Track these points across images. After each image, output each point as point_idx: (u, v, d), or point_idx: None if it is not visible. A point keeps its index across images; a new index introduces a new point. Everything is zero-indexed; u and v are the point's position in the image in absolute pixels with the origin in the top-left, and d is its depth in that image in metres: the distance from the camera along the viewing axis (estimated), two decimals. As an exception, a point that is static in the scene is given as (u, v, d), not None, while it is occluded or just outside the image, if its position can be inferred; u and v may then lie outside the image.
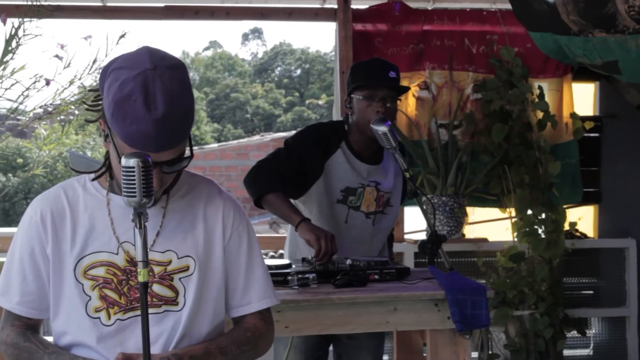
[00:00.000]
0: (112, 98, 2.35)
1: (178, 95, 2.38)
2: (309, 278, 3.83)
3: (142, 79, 2.34)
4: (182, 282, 2.60)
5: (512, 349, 5.90)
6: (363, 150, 4.32)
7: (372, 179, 4.34)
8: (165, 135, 2.36)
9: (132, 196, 2.28)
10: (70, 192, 2.65)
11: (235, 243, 2.72)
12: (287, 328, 3.73)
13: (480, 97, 6.44)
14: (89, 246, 2.58)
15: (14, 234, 2.71)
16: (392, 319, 3.82)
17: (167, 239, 2.61)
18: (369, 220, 4.36)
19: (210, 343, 2.64)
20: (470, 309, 3.76)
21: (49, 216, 2.60)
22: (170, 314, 2.59)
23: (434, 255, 4.12)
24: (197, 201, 2.69)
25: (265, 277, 2.80)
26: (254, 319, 2.76)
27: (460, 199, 6.14)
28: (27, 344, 2.58)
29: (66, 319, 2.60)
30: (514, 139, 6.18)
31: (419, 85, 6.46)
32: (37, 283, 2.61)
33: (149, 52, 2.41)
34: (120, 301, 2.57)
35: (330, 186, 4.29)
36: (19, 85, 5.29)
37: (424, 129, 6.38)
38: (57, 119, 5.73)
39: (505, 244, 6.15)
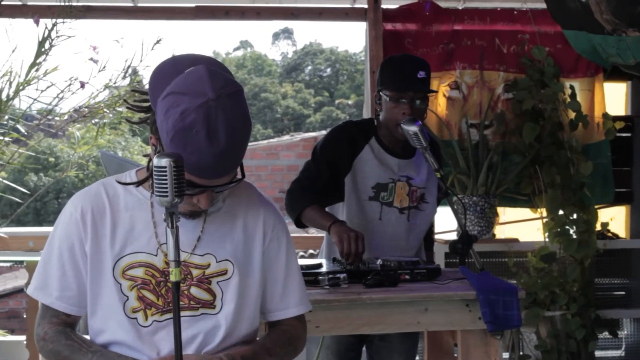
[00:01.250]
0: (173, 125, 2.35)
1: (238, 125, 2.40)
2: (339, 278, 3.82)
3: (204, 111, 2.34)
4: (220, 285, 2.62)
5: (543, 350, 5.87)
6: (394, 145, 4.30)
7: (403, 174, 4.32)
8: (225, 164, 2.39)
9: (164, 196, 2.29)
10: (111, 190, 2.66)
11: (275, 248, 2.73)
12: (318, 328, 3.73)
13: (511, 97, 6.41)
14: (128, 246, 2.59)
15: (46, 233, 2.72)
16: (423, 319, 3.81)
17: (206, 242, 2.62)
18: (403, 215, 4.33)
19: (256, 344, 2.67)
20: (502, 309, 3.74)
21: (89, 213, 2.61)
22: (207, 316, 2.60)
23: (464, 256, 4.11)
24: (237, 205, 2.70)
25: (301, 282, 2.83)
26: (291, 322, 2.79)
27: (491, 199, 6.11)
28: (68, 342, 2.60)
29: (104, 317, 2.61)
30: (545, 138, 6.16)
31: (449, 85, 6.44)
32: (77, 279, 2.62)
33: (209, 78, 2.39)
34: (157, 303, 2.58)
35: (361, 184, 4.28)
36: (52, 85, 5.32)
37: (454, 129, 6.37)
38: (90, 122, 5.77)
39: (537, 245, 6.12)
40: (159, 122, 2.42)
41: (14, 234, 6.25)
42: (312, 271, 3.87)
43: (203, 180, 2.39)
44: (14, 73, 5.42)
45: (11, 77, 5.42)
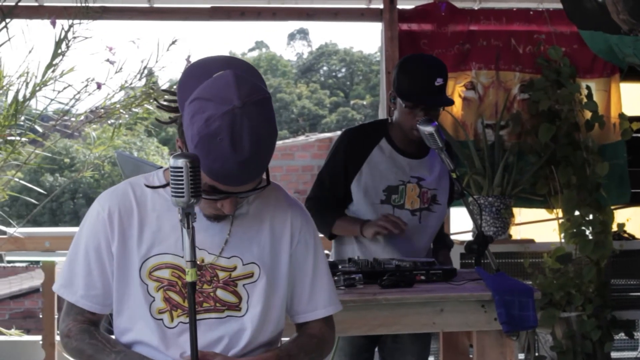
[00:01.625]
0: (198, 132, 2.35)
1: (263, 133, 2.38)
2: (355, 278, 3.82)
3: (229, 119, 2.33)
4: (246, 288, 2.62)
5: (558, 351, 5.86)
6: (405, 146, 4.29)
7: (415, 175, 4.31)
8: (248, 172, 2.39)
9: (180, 196, 2.29)
10: (138, 190, 2.66)
11: (302, 250, 2.73)
12: (334, 328, 3.73)
13: (527, 97, 6.40)
14: (155, 247, 2.60)
15: (62, 234, 2.73)
16: (439, 320, 3.81)
17: (234, 245, 2.62)
18: (415, 217, 4.32)
19: (280, 350, 2.66)
20: (518, 310, 3.73)
21: (116, 213, 2.61)
22: (232, 319, 2.60)
23: (480, 256, 4.10)
24: (265, 208, 2.70)
25: (330, 283, 2.81)
26: (319, 325, 2.78)
27: (507, 200, 6.10)
28: (92, 341, 2.60)
29: (130, 317, 2.62)
30: (561, 139, 6.14)
31: (465, 85, 6.44)
32: (102, 278, 2.63)
33: (236, 84, 2.38)
34: (183, 304, 2.58)
35: (372, 187, 4.28)
36: (69, 87, 5.34)
37: (470, 130, 6.36)
38: (106, 122, 5.78)
39: (552, 245, 6.11)
40: (185, 126, 2.42)
41: (30, 234, 6.27)
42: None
43: (227, 187, 2.39)
44: (30, 74, 5.44)
45: (28, 78, 5.44)
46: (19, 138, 5.49)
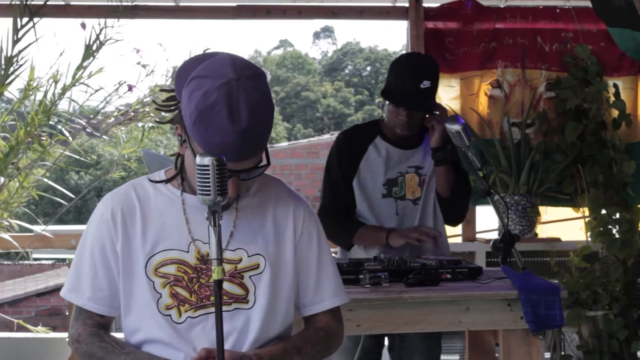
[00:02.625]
0: (195, 107, 2.37)
1: (260, 106, 2.40)
2: (381, 277, 3.82)
3: (226, 90, 2.36)
4: (253, 280, 2.62)
5: (585, 350, 5.83)
6: (400, 139, 4.33)
7: (412, 164, 4.36)
8: (247, 146, 2.39)
9: (206, 194, 2.30)
10: (141, 190, 2.68)
11: (306, 242, 2.73)
12: (359, 326, 3.73)
13: (553, 96, 6.37)
14: (159, 244, 2.61)
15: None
16: (465, 319, 3.80)
17: (238, 237, 2.63)
18: (417, 206, 4.36)
19: (286, 343, 2.66)
20: (544, 309, 3.72)
21: (119, 214, 2.63)
22: (240, 311, 2.60)
23: (507, 255, 4.09)
24: (267, 200, 2.71)
25: (336, 275, 2.81)
26: (326, 318, 2.77)
27: (533, 198, 6.09)
28: (102, 344, 2.61)
29: (138, 316, 2.62)
30: (588, 137, 6.12)
31: (491, 83, 6.42)
32: (108, 279, 2.64)
33: (231, 61, 2.43)
34: (191, 299, 2.59)
35: (371, 184, 4.34)
36: (95, 86, 5.36)
37: (496, 128, 6.34)
38: (135, 124, 5.81)
39: (579, 244, 6.08)
40: (183, 108, 2.45)
41: (56, 232, 6.31)
42: (353, 270, 3.88)
43: (228, 164, 2.38)
44: (59, 74, 5.48)
45: (56, 78, 5.47)
46: (49, 139, 5.52)
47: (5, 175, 5.41)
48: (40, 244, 6.12)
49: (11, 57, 5.32)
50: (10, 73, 5.39)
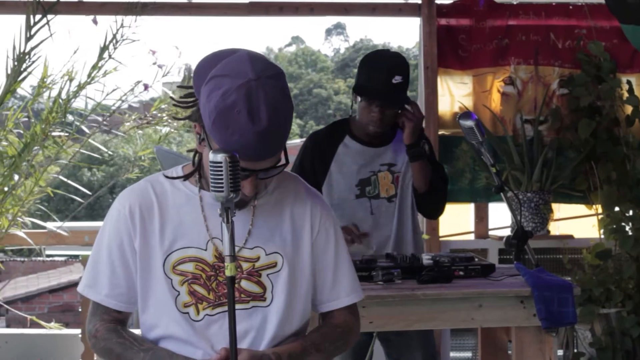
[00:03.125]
0: (215, 107, 2.37)
1: (280, 106, 2.40)
2: (393, 274, 3.83)
3: (245, 90, 2.36)
4: (270, 278, 2.62)
5: (598, 348, 5.82)
6: (370, 137, 4.33)
7: (384, 162, 4.35)
8: (267, 145, 2.39)
9: (219, 191, 2.31)
10: (158, 187, 2.68)
11: (323, 239, 2.72)
12: (372, 323, 3.74)
13: (566, 93, 6.36)
14: (177, 241, 2.60)
15: (99, 228, 2.74)
16: (477, 316, 3.80)
17: (256, 236, 2.62)
18: (392, 204, 4.35)
19: (305, 340, 2.65)
20: (557, 306, 3.72)
21: (137, 210, 2.62)
22: (258, 309, 2.60)
23: (519, 252, 4.09)
24: (285, 198, 2.70)
25: (352, 272, 2.80)
26: (343, 314, 2.77)
27: (546, 195, 6.08)
28: (120, 340, 2.60)
29: (156, 313, 2.62)
30: (601, 134, 6.10)
31: (503, 80, 6.40)
32: (126, 276, 2.64)
33: (250, 60, 2.42)
34: (208, 297, 2.59)
35: (344, 185, 4.32)
36: (109, 83, 5.38)
37: (509, 125, 6.33)
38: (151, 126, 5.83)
39: (592, 241, 6.07)
40: (202, 107, 2.45)
41: (69, 229, 6.32)
42: (366, 267, 3.88)
43: (247, 163, 2.39)
44: (73, 72, 5.49)
45: (71, 76, 5.49)
46: (65, 134, 5.54)
47: (20, 172, 5.42)
48: (54, 240, 6.13)
49: (24, 54, 5.33)
50: (22, 70, 5.40)
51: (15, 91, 5.54)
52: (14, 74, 5.36)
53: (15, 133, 5.57)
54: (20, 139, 5.51)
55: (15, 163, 5.31)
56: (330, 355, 2.73)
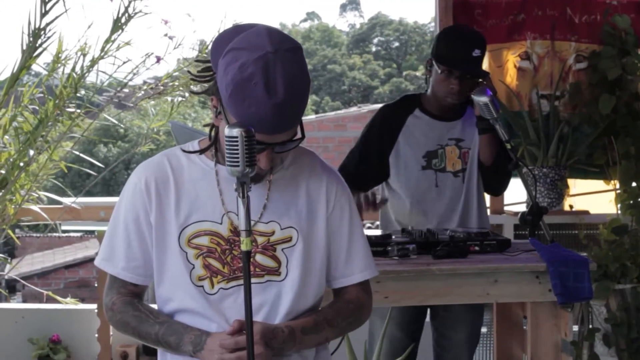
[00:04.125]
0: (232, 79, 2.37)
1: (297, 79, 2.40)
2: (409, 249, 3.83)
3: (263, 63, 2.35)
4: (285, 252, 2.62)
5: (613, 323, 5.81)
6: (440, 111, 4.35)
7: (452, 137, 4.36)
8: (283, 118, 2.39)
9: (235, 165, 2.31)
10: (174, 160, 2.68)
11: (338, 215, 2.72)
12: (387, 298, 3.74)
13: (583, 68, 6.32)
14: (193, 215, 2.61)
15: (115, 203, 2.75)
16: (493, 291, 3.80)
17: (271, 210, 2.63)
18: (458, 178, 4.36)
19: (318, 315, 2.66)
20: (573, 281, 3.72)
21: (153, 184, 2.63)
22: (272, 284, 2.61)
23: (535, 228, 4.08)
24: (300, 173, 2.70)
25: (366, 248, 2.80)
26: (355, 291, 2.77)
27: (562, 171, 6.06)
28: (136, 313, 2.63)
29: (171, 286, 2.64)
30: (620, 109, 6.06)
31: (519, 55, 6.37)
32: (142, 249, 2.65)
33: (268, 34, 2.42)
34: (223, 270, 2.60)
35: (411, 156, 4.34)
36: (123, 58, 5.37)
37: (524, 100, 6.30)
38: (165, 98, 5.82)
39: (608, 217, 6.05)
40: (219, 80, 2.45)
41: (85, 204, 6.34)
42: (382, 242, 3.88)
43: (263, 136, 2.39)
44: (87, 47, 5.48)
45: (85, 51, 5.48)
46: (78, 110, 5.54)
47: (34, 148, 5.43)
48: (69, 216, 6.16)
49: (39, 30, 5.32)
50: (37, 46, 5.39)
51: (31, 67, 5.54)
52: (29, 50, 5.36)
53: (31, 109, 5.57)
54: (35, 114, 5.51)
55: (29, 139, 5.32)
56: (343, 331, 2.74)
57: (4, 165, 5.37)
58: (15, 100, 5.51)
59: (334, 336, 2.72)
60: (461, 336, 4.48)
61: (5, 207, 5.40)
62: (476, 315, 4.53)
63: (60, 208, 6.10)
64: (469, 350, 4.52)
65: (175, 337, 2.57)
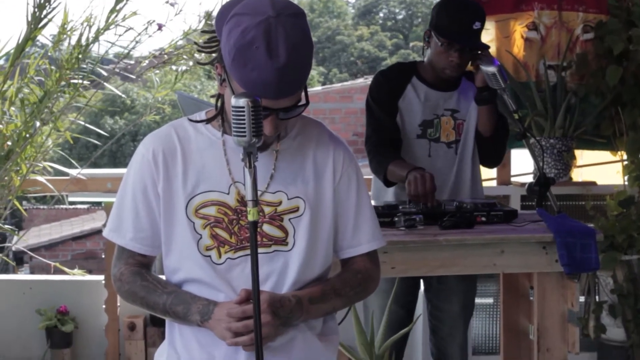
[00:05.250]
0: (234, 44, 2.37)
1: (299, 44, 2.38)
2: (415, 219, 3.82)
3: (264, 27, 2.35)
4: (292, 222, 2.62)
5: (619, 294, 5.82)
6: (436, 81, 4.33)
7: (448, 107, 4.34)
8: (285, 82, 2.38)
9: (241, 136, 2.32)
10: (182, 131, 2.69)
11: (345, 185, 2.72)
12: (394, 269, 3.74)
13: (590, 38, 6.30)
14: (200, 185, 2.61)
15: (123, 175, 2.75)
16: (499, 262, 3.80)
17: (278, 180, 2.63)
18: (451, 149, 4.35)
19: (325, 285, 2.66)
20: (579, 252, 3.71)
21: (160, 155, 2.64)
22: (279, 254, 2.61)
23: (542, 198, 4.08)
24: (307, 143, 2.70)
25: (374, 219, 2.80)
26: (363, 261, 2.77)
27: (569, 142, 6.04)
28: (144, 283, 2.64)
29: (178, 256, 2.64)
30: (628, 79, 6.04)
31: (527, 26, 6.34)
32: (150, 219, 2.66)
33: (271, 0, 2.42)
34: (230, 240, 2.60)
35: (408, 123, 4.32)
36: (130, 29, 5.35)
37: (532, 70, 6.28)
38: (169, 68, 5.80)
39: (615, 188, 6.04)
40: (223, 46, 2.45)
41: (92, 175, 6.34)
42: (388, 212, 3.88)
43: (266, 101, 2.39)
44: (93, 18, 5.46)
45: (90, 22, 5.46)
46: (81, 81, 5.53)
47: (39, 119, 5.43)
48: (76, 187, 6.16)
49: (44, 0, 5.31)
50: (43, 17, 5.38)
51: (36, 39, 5.53)
52: (35, 21, 5.34)
53: (37, 80, 5.57)
54: (41, 86, 5.50)
55: (34, 111, 5.32)
56: (350, 301, 2.74)
57: (11, 137, 5.37)
58: (21, 72, 5.51)
59: (341, 306, 2.72)
60: (456, 308, 4.47)
61: (11, 178, 5.40)
62: (470, 286, 4.52)
63: (67, 179, 6.10)
64: (464, 321, 4.52)
65: (182, 307, 2.58)
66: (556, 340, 3.94)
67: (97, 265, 16.70)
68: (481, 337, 5.99)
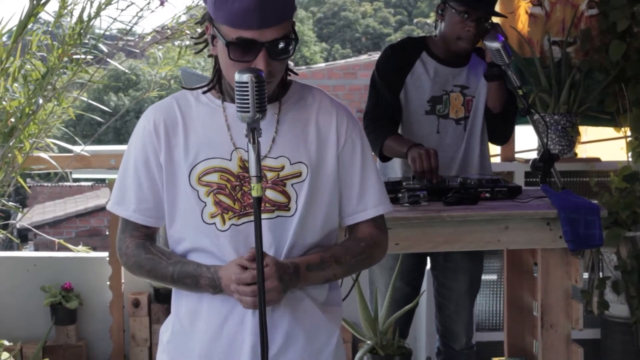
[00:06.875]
0: None
1: None
2: (419, 195, 3.81)
3: None
4: (295, 188, 2.61)
5: (623, 270, 5.81)
6: (446, 56, 4.31)
7: (457, 83, 4.34)
8: (268, 9, 2.40)
9: (245, 111, 2.32)
10: (183, 101, 2.69)
11: (349, 150, 2.71)
12: (398, 245, 3.74)
13: (595, 14, 6.27)
14: (201, 153, 2.61)
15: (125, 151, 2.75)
16: (503, 238, 3.80)
17: (280, 145, 2.62)
18: (460, 126, 4.34)
19: (325, 252, 2.65)
20: (584, 228, 3.71)
21: (162, 125, 2.64)
22: (282, 219, 2.60)
23: (546, 174, 4.07)
24: (309, 108, 2.69)
25: (380, 183, 2.78)
26: (368, 228, 2.76)
27: (573, 118, 6.03)
28: (148, 255, 2.65)
29: (183, 225, 2.64)
30: (632, 55, 6.01)
31: (531, 1, 6.31)
32: (153, 190, 2.66)
33: None
34: (234, 207, 2.60)
35: (416, 99, 4.31)
36: (132, 4, 5.32)
37: (536, 46, 6.26)
38: (171, 44, 5.77)
39: (619, 164, 6.03)
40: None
41: (96, 152, 6.34)
42: (392, 188, 3.87)
43: (252, 33, 2.41)
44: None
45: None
46: (83, 56, 5.51)
47: (42, 95, 5.41)
48: (80, 164, 6.16)
49: (47, -24, 5.28)
50: (45, -8, 5.35)
51: (39, 15, 5.51)
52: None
53: (39, 56, 5.55)
54: (43, 62, 5.49)
55: (37, 87, 5.30)
56: (352, 269, 2.73)
57: (14, 114, 5.36)
58: (23, 49, 5.49)
59: (342, 274, 2.70)
60: (463, 286, 4.48)
61: (14, 155, 5.39)
62: (477, 264, 4.52)
63: (71, 156, 6.09)
64: (470, 299, 4.53)
65: (190, 280, 2.59)
66: (560, 317, 3.95)
67: (102, 242, 16.74)
68: (485, 314, 5.99)
